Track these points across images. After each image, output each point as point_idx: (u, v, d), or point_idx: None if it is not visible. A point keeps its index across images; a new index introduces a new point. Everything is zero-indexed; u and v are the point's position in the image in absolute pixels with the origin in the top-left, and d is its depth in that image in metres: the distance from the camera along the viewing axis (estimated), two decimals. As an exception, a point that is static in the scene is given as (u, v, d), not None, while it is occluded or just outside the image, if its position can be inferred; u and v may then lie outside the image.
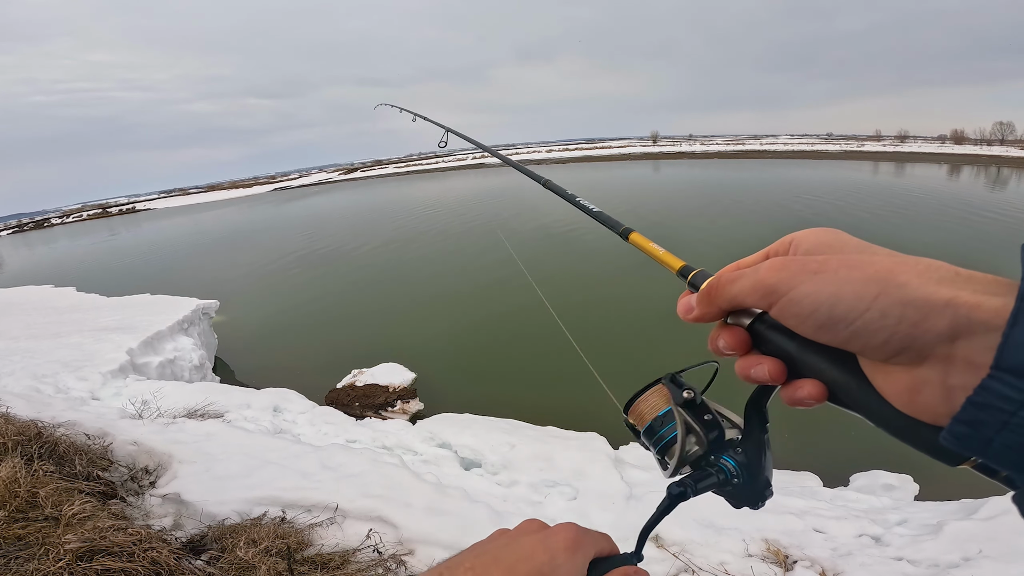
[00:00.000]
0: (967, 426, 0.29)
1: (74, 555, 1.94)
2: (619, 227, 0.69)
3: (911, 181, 42.67)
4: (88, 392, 7.06)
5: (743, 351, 0.43)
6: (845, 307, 0.34)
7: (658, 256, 0.58)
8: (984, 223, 22.05)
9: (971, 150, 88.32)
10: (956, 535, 3.46)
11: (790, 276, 0.37)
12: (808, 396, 0.38)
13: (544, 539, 0.48)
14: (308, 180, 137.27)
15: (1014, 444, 0.28)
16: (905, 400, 0.33)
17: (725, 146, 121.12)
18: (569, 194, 0.89)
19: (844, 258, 0.36)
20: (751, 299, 0.40)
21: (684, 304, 0.47)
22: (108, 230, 62.16)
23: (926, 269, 0.33)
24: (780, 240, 0.43)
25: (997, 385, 0.28)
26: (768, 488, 0.47)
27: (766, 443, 0.47)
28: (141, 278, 23.42)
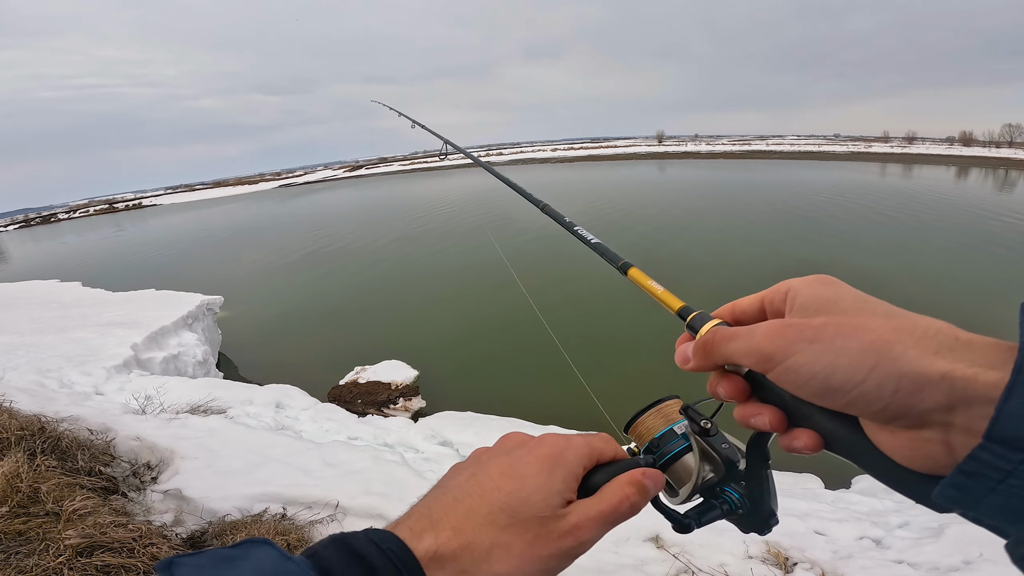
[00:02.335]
0: (957, 489, 0.30)
1: (74, 551, 1.95)
2: (618, 261, 0.68)
3: (918, 183, 42.45)
4: (92, 387, 7.10)
5: (742, 399, 0.43)
6: (841, 378, 0.34)
7: (657, 295, 0.57)
8: (992, 227, 21.92)
9: (980, 152, 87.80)
10: (957, 538, 3.45)
11: (786, 344, 0.37)
12: (804, 447, 0.39)
13: (514, 462, 0.44)
14: (313, 177, 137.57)
15: (1000, 505, 0.29)
16: (905, 455, 0.34)
17: (731, 146, 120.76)
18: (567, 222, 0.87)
19: (841, 324, 0.36)
20: (746, 362, 0.40)
21: (681, 353, 0.47)
22: (114, 225, 62.47)
23: (923, 336, 0.33)
24: (775, 288, 0.43)
25: (986, 455, 0.29)
26: (772, 517, 0.48)
27: (768, 477, 0.47)
28: (146, 273, 23.53)
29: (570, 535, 0.41)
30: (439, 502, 0.43)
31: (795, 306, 0.40)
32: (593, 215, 28.17)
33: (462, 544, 0.39)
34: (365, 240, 27.45)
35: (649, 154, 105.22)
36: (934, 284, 13.99)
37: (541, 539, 0.41)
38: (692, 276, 15.17)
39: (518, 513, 0.41)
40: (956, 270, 15.45)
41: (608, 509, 0.43)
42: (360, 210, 45.27)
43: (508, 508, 0.41)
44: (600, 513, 0.43)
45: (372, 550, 0.37)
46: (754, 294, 0.45)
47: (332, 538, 0.39)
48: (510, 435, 0.49)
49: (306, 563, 0.35)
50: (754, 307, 0.44)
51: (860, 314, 0.37)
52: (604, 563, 3.14)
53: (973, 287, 13.44)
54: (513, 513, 0.41)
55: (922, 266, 15.99)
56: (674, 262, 16.66)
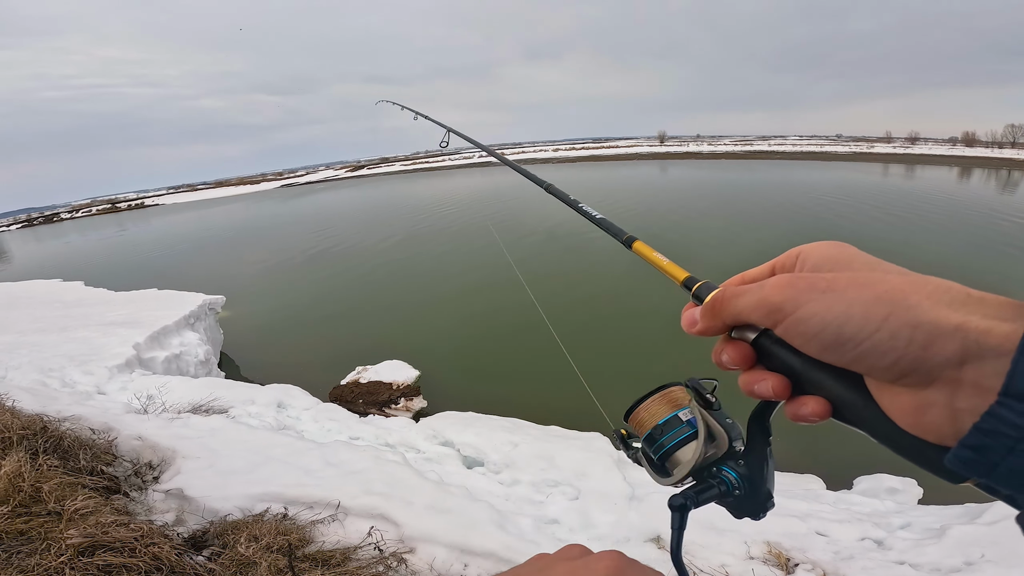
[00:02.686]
0: (972, 451, 0.29)
1: (76, 550, 1.95)
2: (622, 235, 0.67)
3: (921, 184, 42.37)
4: (94, 386, 7.11)
5: (747, 366, 0.42)
6: (853, 328, 0.33)
7: (662, 266, 0.57)
8: (1001, 226, 21.87)
9: (982, 152, 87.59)
10: (959, 539, 3.44)
11: (797, 294, 0.36)
12: (812, 413, 0.38)
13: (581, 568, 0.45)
14: (315, 177, 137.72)
15: (1019, 468, 0.28)
16: (911, 420, 0.33)
17: (733, 146, 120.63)
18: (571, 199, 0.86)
19: (853, 276, 0.35)
20: (756, 316, 0.39)
21: (688, 317, 0.46)
22: (117, 225, 62.59)
23: (936, 290, 0.32)
24: (787, 253, 0.42)
25: (1004, 412, 0.28)
26: (770, 500, 0.47)
27: (768, 455, 0.46)
28: (149, 273, 23.56)
29: None
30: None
31: (806, 267, 0.40)
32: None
33: None
34: (366, 240, 27.46)
35: (651, 154, 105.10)
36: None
37: None
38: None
39: None
40: (966, 269, 15.41)
41: None
42: (361, 210, 45.31)
43: None
44: None
45: None
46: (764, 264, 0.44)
47: None
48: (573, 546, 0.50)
49: None
50: (764, 274, 0.43)
51: (873, 271, 0.36)
52: (605, 564, 3.13)
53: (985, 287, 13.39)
54: None
55: (930, 264, 15.94)
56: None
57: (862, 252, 0.39)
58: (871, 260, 0.38)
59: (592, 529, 3.90)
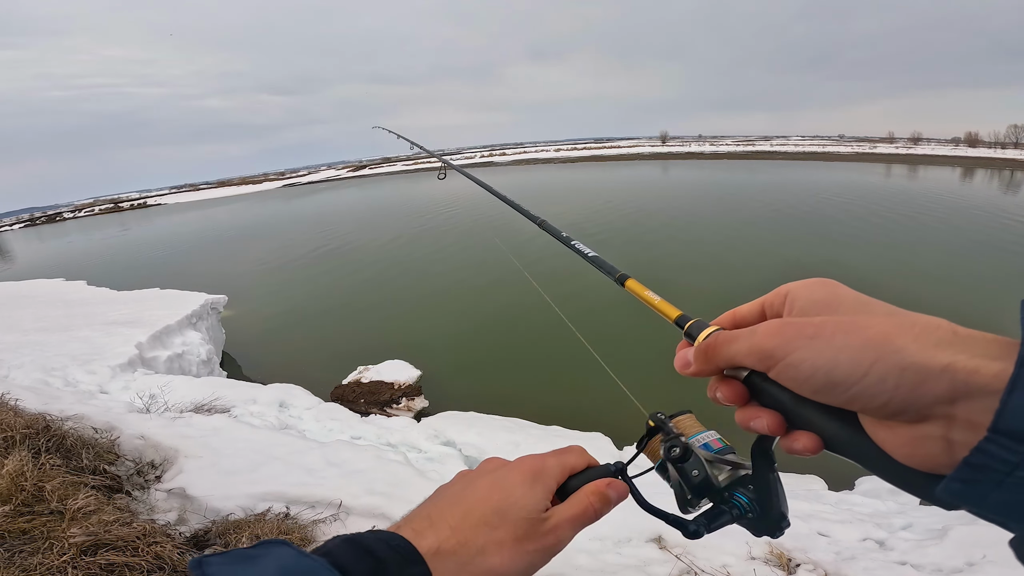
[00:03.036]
0: (963, 484, 0.30)
1: (78, 549, 1.96)
2: (615, 273, 0.69)
3: (924, 184, 42.29)
4: (97, 386, 7.13)
5: (742, 403, 0.43)
6: (842, 373, 0.34)
7: (654, 304, 0.58)
8: (1009, 226, 21.83)
9: (985, 153, 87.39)
10: (961, 540, 3.44)
11: (786, 341, 0.37)
12: (804, 448, 0.39)
13: (500, 477, 0.50)
14: (317, 177, 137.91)
15: (1007, 500, 0.29)
16: (906, 452, 0.34)
17: (735, 147, 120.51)
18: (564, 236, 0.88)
19: (840, 321, 0.36)
20: (748, 361, 0.40)
21: (681, 358, 0.47)
22: (119, 224, 62.75)
23: (923, 331, 0.33)
24: (775, 291, 0.44)
25: (993, 448, 0.28)
26: (784, 520, 0.48)
27: (776, 480, 0.47)
28: (151, 272, 23.61)
29: (550, 534, 0.47)
30: (436, 507, 0.48)
31: (795, 308, 0.41)
32: (598, 222, 28.12)
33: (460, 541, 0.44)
34: (368, 240, 27.49)
35: (653, 154, 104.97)
36: (947, 283, 13.92)
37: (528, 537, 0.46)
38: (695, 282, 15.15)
39: (508, 515, 0.46)
40: (972, 269, 15.38)
41: (576, 514, 0.49)
42: (363, 210, 45.35)
43: (499, 511, 0.46)
44: (571, 516, 0.49)
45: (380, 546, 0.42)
46: (754, 301, 0.45)
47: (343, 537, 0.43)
48: (490, 459, 0.55)
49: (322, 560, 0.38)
50: (754, 312, 0.45)
51: (860, 313, 0.37)
52: (607, 563, 3.13)
53: (990, 287, 13.36)
54: (503, 515, 0.46)
55: (933, 266, 15.93)
56: (676, 271, 16.67)
57: (849, 290, 0.40)
58: (858, 300, 0.39)
59: (592, 529, 3.88)
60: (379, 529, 0.44)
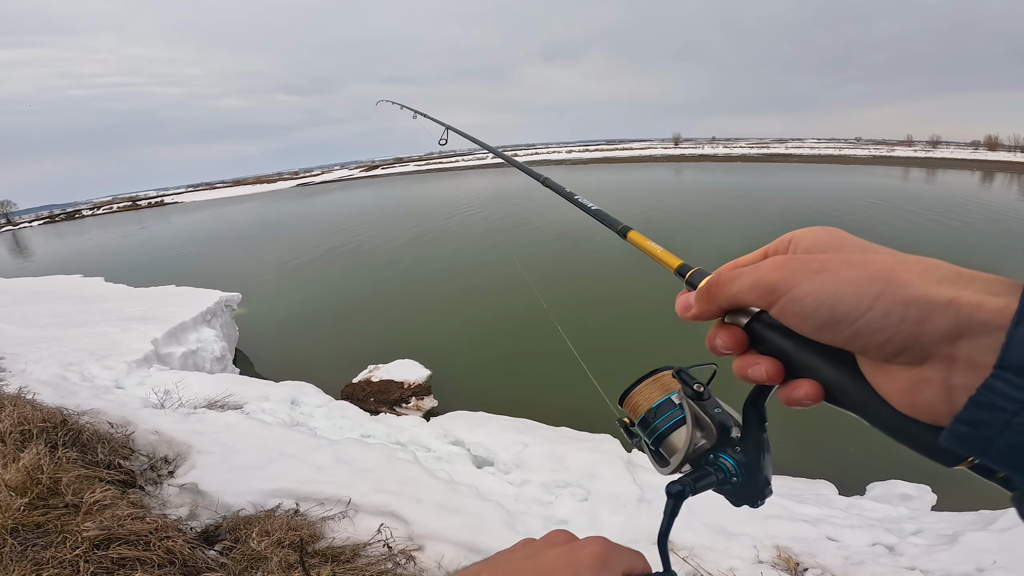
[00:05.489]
0: (969, 426, 0.29)
1: (91, 543, 1.99)
2: (617, 225, 0.68)
3: (948, 188, 41.63)
4: (113, 381, 7.23)
5: (740, 351, 0.42)
6: (847, 306, 0.34)
7: (656, 254, 0.57)
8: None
9: (1005, 156, 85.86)
10: (971, 545, 3.40)
11: (791, 275, 0.37)
12: (805, 396, 0.38)
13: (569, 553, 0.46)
14: (330, 177, 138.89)
15: (1015, 444, 0.28)
16: (906, 400, 0.33)
17: (749, 149, 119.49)
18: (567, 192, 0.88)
19: (846, 257, 0.36)
20: (751, 297, 0.39)
21: (682, 302, 0.46)
22: (137, 222, 63.65)
23: (927, 268, 0.32)
24: (779, 239, 0.43)
25: (1001, 384, 0.27)
26: (767, 487, 0.47)
27: (765, 442, 0.46)
28: (167, 269, 23.92)
29: None
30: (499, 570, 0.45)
31: (799, 250, 0.40)
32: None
33: None
34: (380, 239, 27.63)
35: (665, 157, 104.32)
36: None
37: None
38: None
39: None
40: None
41: None
42: (376, 209, 45.58)
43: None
44: None
45: None
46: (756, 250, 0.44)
47: None
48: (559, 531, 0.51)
49: None
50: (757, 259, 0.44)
51: (865, 252, 0.37)
52: (614, 567, 3.12)
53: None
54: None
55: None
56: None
57: (853, 236, 0.39)
58: (863, 243, 0.38)
59: (601, 530, 3.88)
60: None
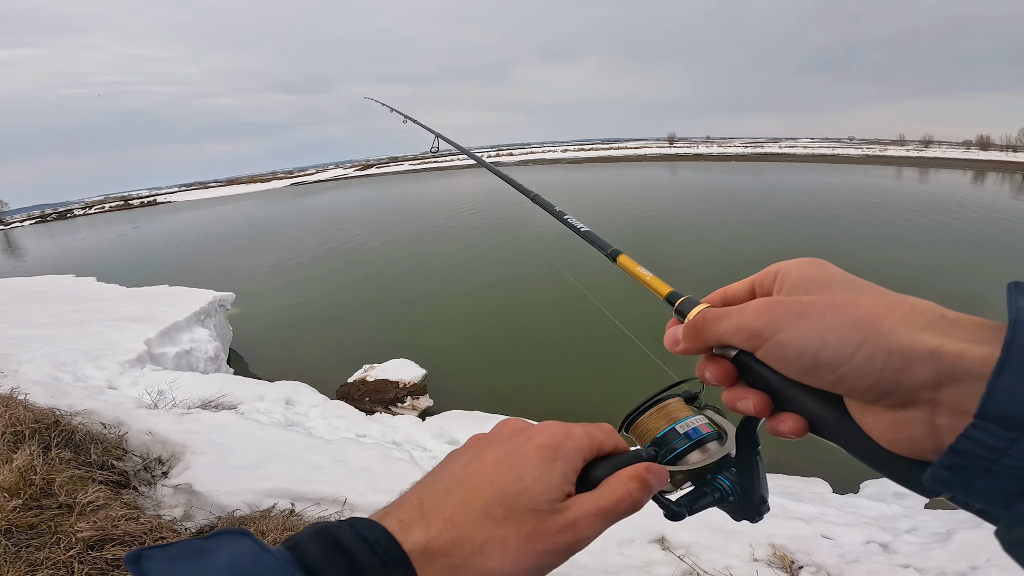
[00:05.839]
0: (950, 471, 0.30)
1: (85, 544, 1.98)
2: (607, 248, 0.68)
3: (940, 188, 41.92)
4: (106, 381, 7.19)
5: (729, 383, 0.43)
6: (830, 353, 0.34)
7: (645, 281, 0.57)
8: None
9: (997, 156, 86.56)
10: (965, 543, 3.43)
11: (775, 320, 0.37)
12: (789, 430, 0.39)
13: (511, 453, 0.42)
14: (324, 176, 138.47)
15: (995, 488, 0.29)
16: (890, 437, 0.34)
17: (743, 148, 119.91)
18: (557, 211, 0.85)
19: (829, 300, 0.36)
20: (736, 340, 0.40)
21: (671, 336, 0.47)
22: (129, 221, 63.24)
23: (910, 313, 0.33)
24: (766, 270, 0.43)
25: (979, 434, 0.28)
26: (764, 504, 0.48)
27: (758, 464, 0.47)
28: (160, 269, 23.75)
29: (568, 530, 0.39)
30: (431, 491, 0.41)
31: (785, 286, 0.40)
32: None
33: (454, 538, 0.37)
34: (375, 239, 27.56)
35: (660, 156, 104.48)
36: (941, 276, 13.81)
37: (538, 534, 0.38)
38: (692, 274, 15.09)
39: (515, 506, 0.38)
40: (974, 267, 15.25)
41: (609, 505, 0.40)
42: (369, 209, 45.46)
43: (504, 500, 0.38)
44: (600, 508, 0.40)
45: (358, 543, 0.35)
46: (745, 279, 0.45)
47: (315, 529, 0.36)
48: (508, 421, 0.47)
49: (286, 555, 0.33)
50: (744, 290, 0.44)
51: (848, 292, 0.37)
52: (609, 564, 3.13)
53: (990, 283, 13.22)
54: (509, 506, 0.38)
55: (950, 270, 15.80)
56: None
57: (839, 270, 0.40)
58: (848, 279, 0.38)
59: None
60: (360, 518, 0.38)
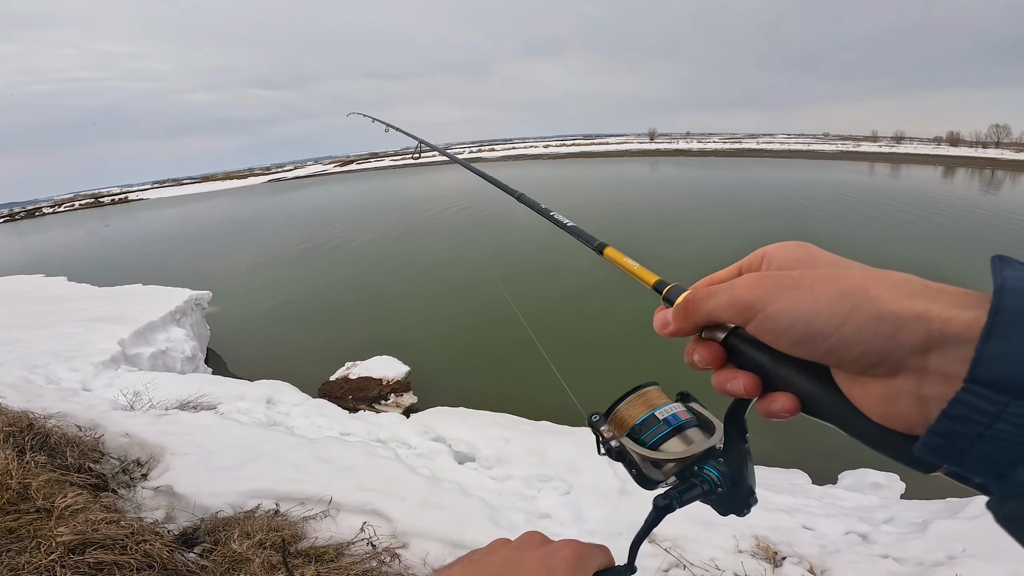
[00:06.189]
0: (942, 438, 0.30)
1: (66, 548, 1.93)
2: (593, 242, 0.69)
3: (912, 183, 42.89)
4: (79, 383, 7.02)
5: (718, 365, 0.43)
6: (821, 322, 0.35)
7: (633, 271, 0.58)
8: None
9: (967, 152, 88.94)
10: (941, 533, 3.52)
11: (766, 292, 0.37)
12: (782, 409, 0.39)
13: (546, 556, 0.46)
14: (303, 172, 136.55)
15: (988, 455, 0.28)
16: (880, 411, 0.34)
17: (722, 144, 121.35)
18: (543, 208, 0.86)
19: (818, 273, 0.37)
20: (727, 315, 0.40)
21: (660, 319, 0.47)
22: (100, 220, 61.64)
23: (896, 283, 0.33)
24: (752, 254, 0.44)
25: (972, 398, 0.28)
26: (752, 495, 0.48)
27: (747, 452, 0.47)
28: (133, 268, 23.21)
29: None
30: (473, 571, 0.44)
31: (772, 267, 0.41)
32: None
33: None
34: (355, 236, 27.29)
35: (641, 151, 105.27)
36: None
37: None
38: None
39: None
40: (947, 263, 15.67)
41: None
42: (349, 205, 45.01)
43: None
44: None
45: None
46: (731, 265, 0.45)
47: None
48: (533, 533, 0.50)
49: None
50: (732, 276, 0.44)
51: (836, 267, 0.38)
52: (597, 558, 3.15)
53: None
54: None
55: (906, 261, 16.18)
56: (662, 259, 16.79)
57: (825, 251, 0.40)
58: (834, 258, 0.39)
59: (583, 523, 3.92)
60: None
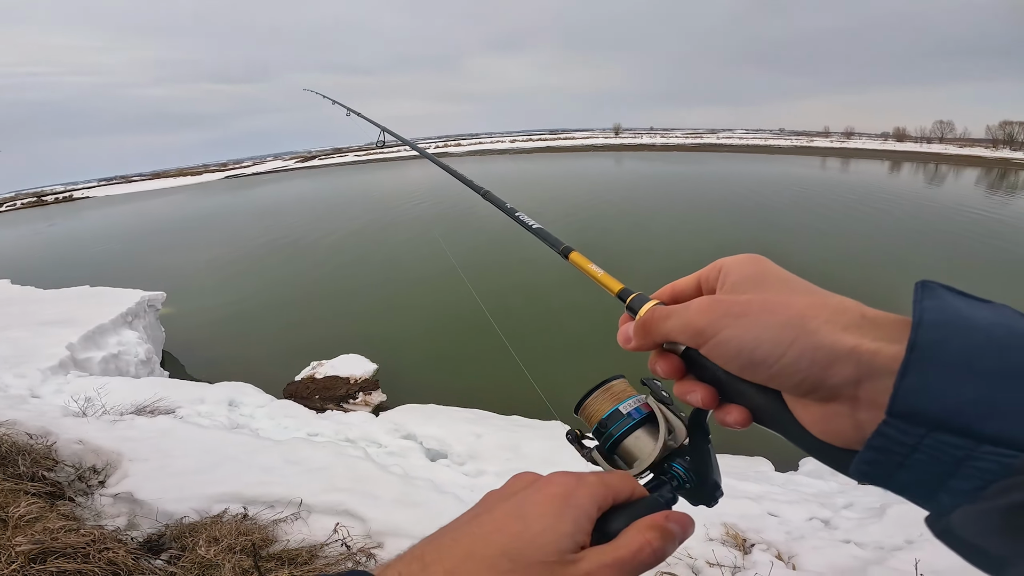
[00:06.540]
0: (869, 465, 0.32)
1: (26, 557, 1.84)
2: (559, 245, 0.70)
3: (864, 178, 44.62)
4: (27, 389, 6.66)
5: (679, 376, 0.46)
6: (764, 352, 0.37)
7: (597, 277, 0.60)
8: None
9: (912, 147, 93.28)
10: (899, 518, 3.66)
11: (716, 319, 0.40)
12: (735, 422, 0.42)
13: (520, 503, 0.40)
14: (262, 168, 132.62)
15: (911, 481, 0.31)
16: (820, 429, 0.36)
17: (684, 139, 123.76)
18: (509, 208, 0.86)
19: (764, 301, 0.39)
20: (682, 337, 0.43)
21: (623, 334, 0.49)
22: (44, 219, 58.52)
23: (834, 313, 0.36)
24: (711, 266, 0.46)
25: (891, 431, 0.31)
26: (718, 489, 0.50)
27: (710, 451, 0.50)
28: (80, 269, 22.05)
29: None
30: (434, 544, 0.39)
31: (727, 283, 0.43)
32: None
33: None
34: (317, 233, 26.69)
35: (606, 146, 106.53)
36: (865, 267, 14.79)
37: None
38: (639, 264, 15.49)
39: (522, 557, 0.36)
40: (893, 255, 16.39)
41: (627, 556, 0.37)
42: (312, 201, 44.01)
43: (511, 551, 0.36)
44: (616, 560, 0.37)
45: None
46: (691, 274, 0.48)
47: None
48: (520, 475, 0.45)
49: None
50: (691, 286, 0.47)
51: (782, 291, 0.40)
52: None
53: (908, 270, 14.26)
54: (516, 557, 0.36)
55: (854, 251, 16.88)
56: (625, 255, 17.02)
57: (775, 267, 0.43)
58: (783, 276, 0.41)
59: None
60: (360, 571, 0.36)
